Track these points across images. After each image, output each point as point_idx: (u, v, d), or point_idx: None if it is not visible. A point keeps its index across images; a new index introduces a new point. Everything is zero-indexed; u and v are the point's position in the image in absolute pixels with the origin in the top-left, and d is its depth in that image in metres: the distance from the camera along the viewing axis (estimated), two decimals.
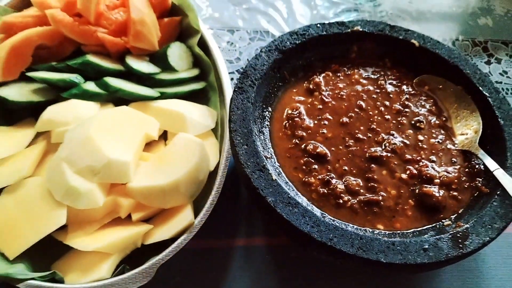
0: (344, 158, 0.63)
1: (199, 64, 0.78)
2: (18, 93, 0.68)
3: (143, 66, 0.73)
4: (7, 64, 0.69)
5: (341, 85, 0.72)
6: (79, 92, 0.68)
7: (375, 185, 0.61)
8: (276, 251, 0.66)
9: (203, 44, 0.77)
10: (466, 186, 0.63)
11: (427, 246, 0.53)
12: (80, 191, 0.56)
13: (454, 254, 0.53)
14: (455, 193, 0.62)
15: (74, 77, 0.69)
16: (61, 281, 0.55)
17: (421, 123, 0.68)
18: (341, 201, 0.59)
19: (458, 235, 0.55)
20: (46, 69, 0.70)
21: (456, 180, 0.62)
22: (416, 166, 0.63)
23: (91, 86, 0.69)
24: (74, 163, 0.58)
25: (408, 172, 0.63)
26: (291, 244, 0.66)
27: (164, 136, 0.71)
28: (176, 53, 0.75)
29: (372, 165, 0.63)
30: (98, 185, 0.58)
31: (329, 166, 0.63)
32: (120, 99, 0.70)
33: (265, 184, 0.56)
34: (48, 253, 0.59)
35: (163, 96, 0.72)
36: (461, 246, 0.53)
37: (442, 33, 0.98)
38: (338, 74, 0.74)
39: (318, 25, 0.73)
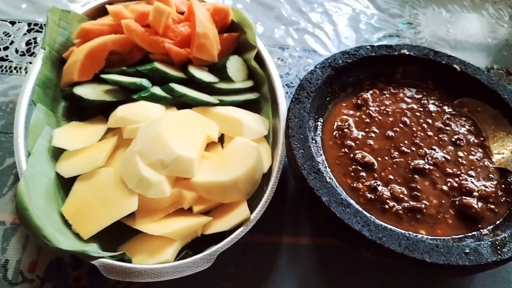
0: (389, 168, 0.68)
1: (254, 76, 0.84)
2: (92, 92, 0.74)
3: (204, 75, 0.79)
4: (83, 66, 0.75)
5: (387, 102, 0.77)
6: (147, 95, 0.73)
7: (418, 194, 0.66)
8: (321, 251, 0.71)
9: (258, 58, 0.83)
10: (502, 200, 0.67)
11: (468, 251, 0.57)
12: (151, 182, 0.62)
13: (493, 259, 0.57)
14: (492, 206, 0.66)
15: (144, 81, 0.74)
16: (129, 261, 0.60)
17: (461, 141, 0.73)
18: (386, 206, 0.64)
19: (497, 242, 0.59)
20: (118, 72, 0.76)
21: (493, 194, 0.67)
22: (456, 179, 0.68)
23: (158, 90, 0.75)
24: (146, 157, 0.64)
25: (449, 184, 0.67)
26: (336, 244, 0.71)
27: (220, 139, 0.75)
28: (234, 66, 0.82)
29: (416, 176, 0.67)
30: (166, 178, 0.64)
31: (375, 174, 0.68)
32: (182, 103, 0.76)
33: (319, 185, 0.61)
34: (115, 236, 0.64)
35: (221, 103, 0.78)
36: (499, 252, 0.58)
37: (478, 61, 1.03)
38: (384, 92, 0.80)
39: (368, 46, 0.80)
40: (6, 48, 0.90)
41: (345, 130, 0.73)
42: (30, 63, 0.88)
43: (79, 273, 0.65)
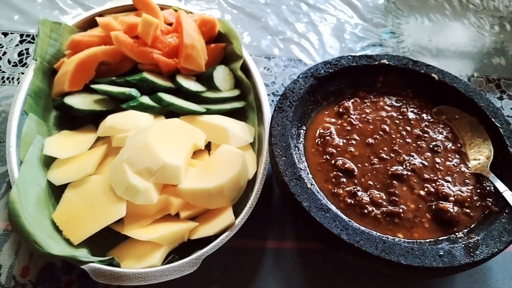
0: (369, 174, 0.71)
1: (240, 85, 0.86)
2: (82, 102, 0.77)
3: (191, 85, 0.81)
4: (74, 77, 0.77)
5: (367, 110, 0.80)
6: (136, 104, 0.76)
7: (396, 199, 0.68)
8: (305, 255, 0.73)
9: (244, 68, 0.85)
10: (477, 204, 0.70)
11: (442, 253, 0.60)
12: (139, 189, 0.64)
13: (466, 261, 0.59)
14: (467, 210, 0.68)
15: (133, 91, 0.77)
16: (118, 266, 0.62)
17: (438, 148, 0.76)
18: (366, 211, 0.67)
19: (470, 245, 0.61)
20: (107, 83, 0.78)
21: (468, 199, 0.69)
22: (433, 184, 0.71)
23: (146, 99, 0.77)
24: (134, 165, 0.66)
25: (426, 189, 0.70)
26: (319, 248, 0.73)
27: (207, 147, 0.78)
28: (221, 75, 0.84)
29: (394, 181, 0.70)
30: (153, 185, 0.66)
31: (355, 180, 0.70)
32: (170, 112, 0.78)
33: (301, 191, 0.64)
34: (104, 242, 0.66)
35: (208, 112, 0.80)
36: (472, 254, 0.60)
37: (459, 69, 1.06)
38: (365, 100, 0.82)
39: (349, 57, 0.83)
40: None
41: (327, 137, 0.75)
42: (22, 73, 0.90)
43: (70, 278, 0.67)
